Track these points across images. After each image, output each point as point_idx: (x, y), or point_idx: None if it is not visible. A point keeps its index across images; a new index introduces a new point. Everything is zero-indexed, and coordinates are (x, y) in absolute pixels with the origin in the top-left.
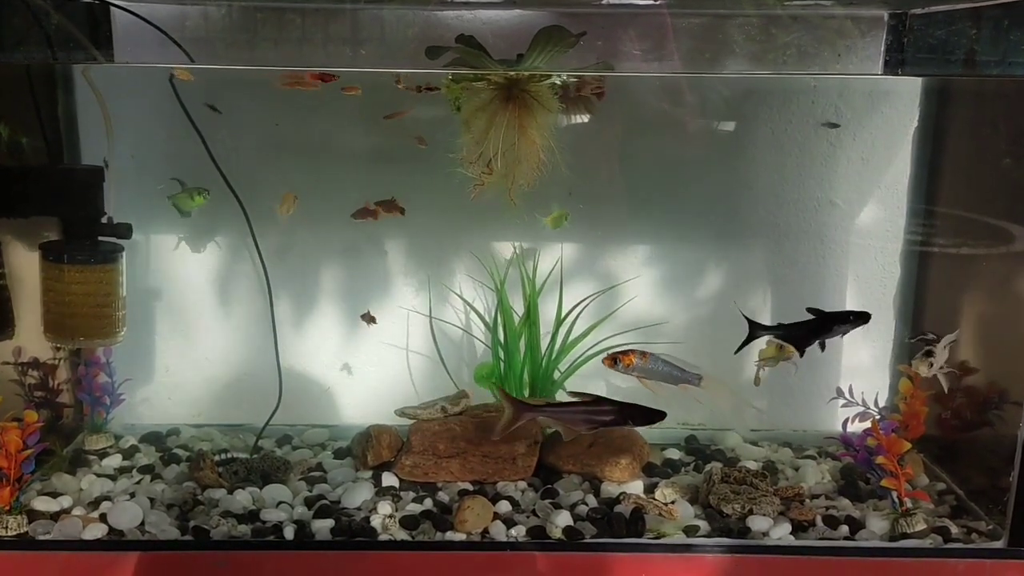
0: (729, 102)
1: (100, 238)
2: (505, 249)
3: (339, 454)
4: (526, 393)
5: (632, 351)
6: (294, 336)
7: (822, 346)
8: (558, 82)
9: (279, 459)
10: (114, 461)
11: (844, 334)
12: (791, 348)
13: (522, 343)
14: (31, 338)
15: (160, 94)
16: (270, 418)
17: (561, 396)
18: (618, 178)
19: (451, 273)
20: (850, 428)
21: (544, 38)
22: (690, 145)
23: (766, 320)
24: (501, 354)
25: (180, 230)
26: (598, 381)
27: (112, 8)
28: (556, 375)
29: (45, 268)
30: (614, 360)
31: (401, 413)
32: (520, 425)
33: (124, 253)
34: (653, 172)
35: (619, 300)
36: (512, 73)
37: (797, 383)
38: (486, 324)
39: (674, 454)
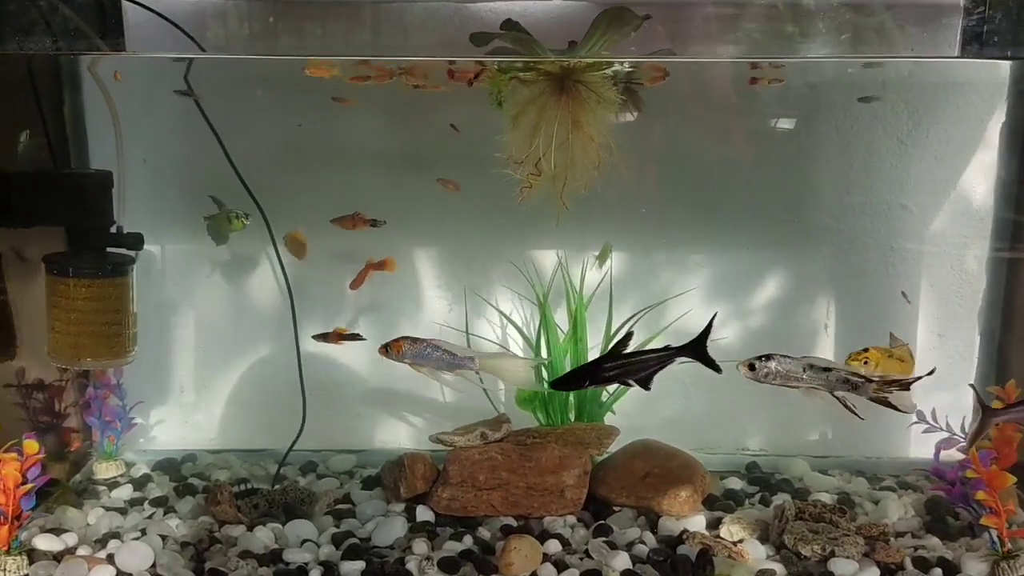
0: (790, 97)
1: (109, 249)
2: (547, 258)
3: (368, 483)
4: (571, 417)
5: (403, 337)
6: (319, 353)
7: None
8: (618, 72)
9: (303, 490)
10: (124, 492)
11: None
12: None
13: (567, 361)
14: (35, 358)
15: (175, 93)
16: (293, 444)
17: (610, 419)
18: (665, 180)
19: (488, 284)
20: (921, 453)
21: (606, 21)
22: (747, 144)
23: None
24: (544, 374)
25: (195, 240)
26: (651, 402)
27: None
28: (604, 396)
29: (50, 282)
30: (386, 349)
31: (436, 439)
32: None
33: (135, 265)
34: (706, 173)
35: (670, 312)
36: (566, 62)
37: (862, 404)
38: (527, 340)
39: (735, 483)
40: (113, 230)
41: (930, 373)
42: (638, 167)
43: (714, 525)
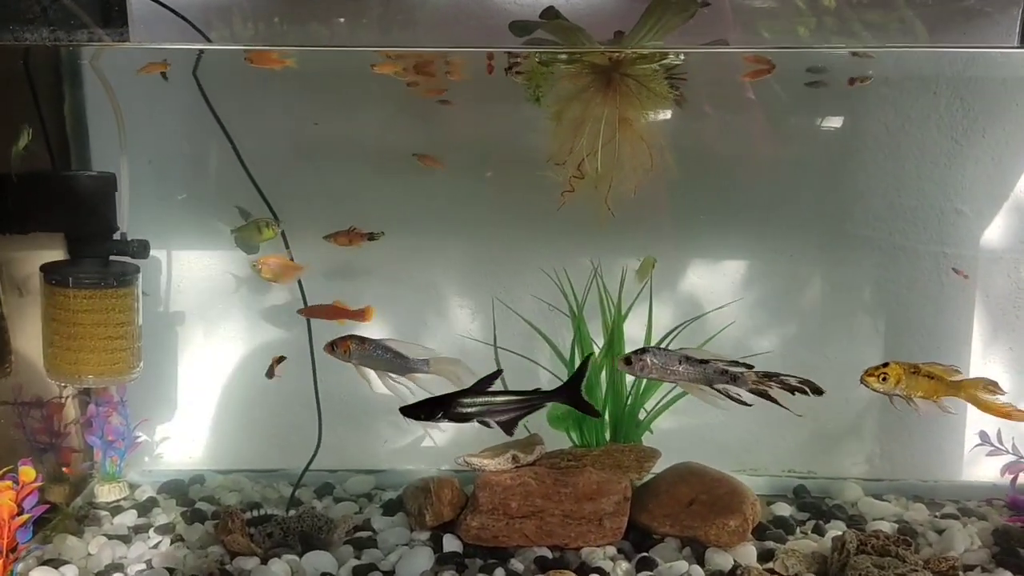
0: (836, 95)
1: (112, 257)
2: (579, 266)
3: (389, 508)
4: (607, 437)
5: (350, 336)
6: (335, 366)
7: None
8: (670, 64)
9: (320, 517)
10: (128, 518)
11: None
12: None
13: (603, 379)
14: (32, 373)
15: (182, 90)
16: (308, 464)
17: (648, 439)
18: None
19: (516, 294)
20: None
21: (661, 7)
22: (790, 144)
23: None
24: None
25: (204, 247)
26: (685, 418)
27: None
28: (641, 415)
29: (48, 293)
30: (332, 347)
31: (464, 462)
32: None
33: (140, 275)
34: (747, 176)
35: (711, 323)
36: (615, 53)
37: (917, 424)
38: (559, 355)
39: (783, 509)
40: (116, 236)
41: (819, 391)
42: (692, 168)
43: (766, 557)
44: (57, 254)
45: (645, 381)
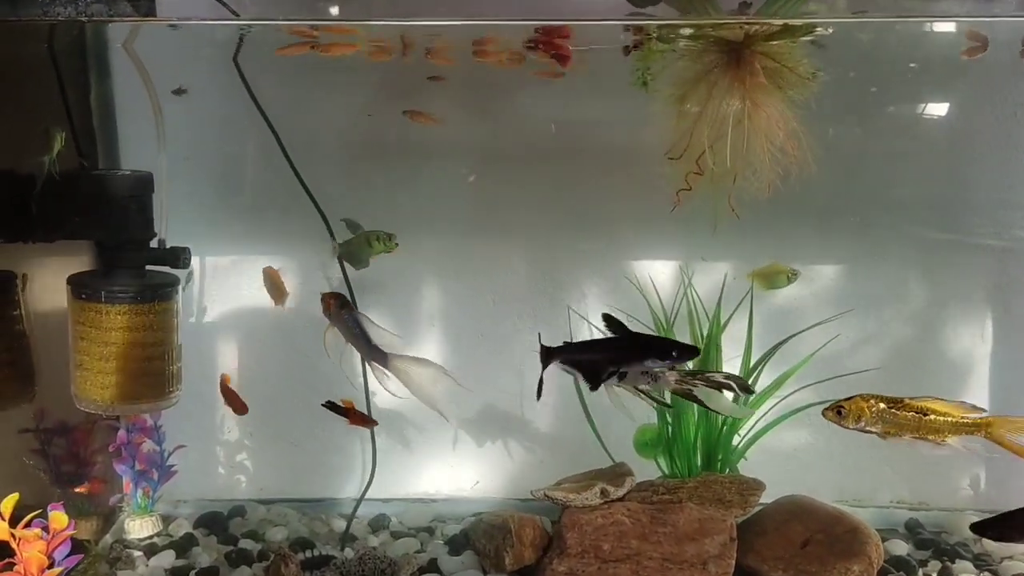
0: (939, 79)
1: (149, 268)
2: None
3: (454, 545)
4: (697, 463)
5: (336, 296)
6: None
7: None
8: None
9: (384, 559)
10: (165, 560)
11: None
12: None
13: None
14: (57, 396)
15: (220, 79)
16: (363, 494)
17: (743, 467)
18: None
19: (589, 303)
20: None
21: None
22: (888, 136)
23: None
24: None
25: (239, 252)
26: (776, 442)
27: None
28: (735, 440)
29: (77, 309)
30: (322, 299)
31: (545, 496)
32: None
33: (180, 288)
34: (841, 171)
35: (806, 337)
36: (747, 26)
37: None
38: None
39: (899, 547)
40: (154, 244)
41: (748, 389)
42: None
43: None
44: (85, 264)
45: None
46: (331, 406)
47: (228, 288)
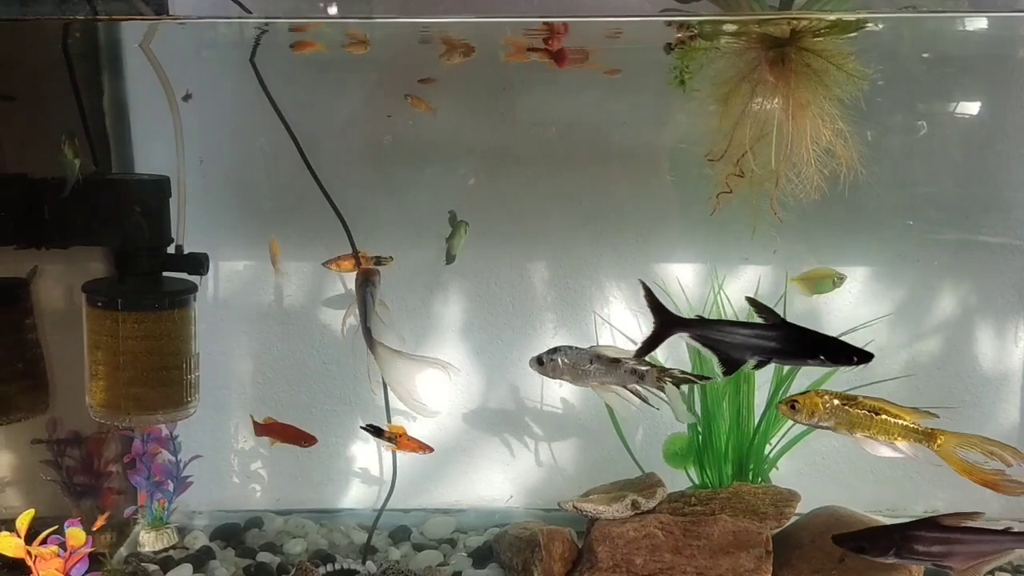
0: (974, 65)
1: (166, 274)
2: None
3: (479, 558)
4: (728, 472)
5: (370, 269)
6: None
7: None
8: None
9: (406, 573)
10: (183, 574)
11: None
12: None
13: (725, 411)
14: (70, 406)
15: (236, 78)
16: (384, 504)
17: (775, 477)
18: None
19: (612, 306)
20: None
21: None
22: (923, 129)
23: None
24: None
25: (254, 256)
26: (806, 450)
27: None
28: (767, 450)
29: (92, 317)
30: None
31: (574, 508)
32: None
33: (197, 295)
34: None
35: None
36: (798, 20)
37: None
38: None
39: None
40: (171, 250)
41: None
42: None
43: None
44: (100, 270)
45: (774, 410)
46: (375, 431)
47: (243, 293)
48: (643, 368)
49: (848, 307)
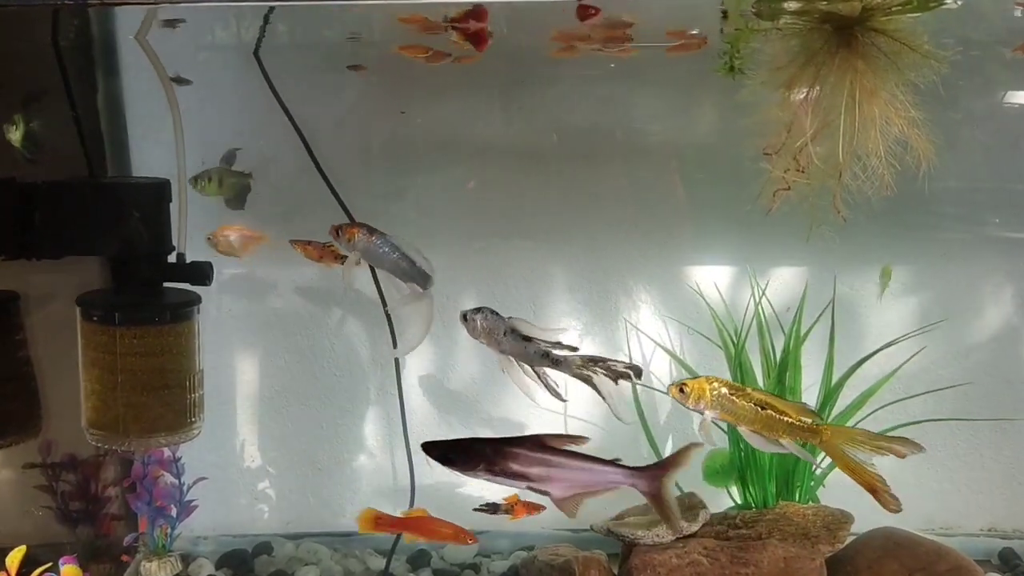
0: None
1: (167, 285)
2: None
3: None
4: (772, 491)
5: (360, 225)
6: (423, 401)
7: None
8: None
9: None
10: None
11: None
12: None
13: None
14: (65, 427)
15: (238, 73)
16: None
17: (821, 495)
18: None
19: (644, 312)
20: None
21: None
22: (955, 123)
23: None
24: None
25: (261, 264)
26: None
27: None
28: (815, 468)
29: (87, 332)
30: (337, 232)
31: (609, 531)
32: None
33: (200, 307)
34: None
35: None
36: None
37: None
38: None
39: None
40: (172, 259)
41: (637, 372)
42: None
43: None
44: (96, 282)
45: None
46: (491, 509)
47: (248, 303)
48: (560, 353)
49: (907, 311)
